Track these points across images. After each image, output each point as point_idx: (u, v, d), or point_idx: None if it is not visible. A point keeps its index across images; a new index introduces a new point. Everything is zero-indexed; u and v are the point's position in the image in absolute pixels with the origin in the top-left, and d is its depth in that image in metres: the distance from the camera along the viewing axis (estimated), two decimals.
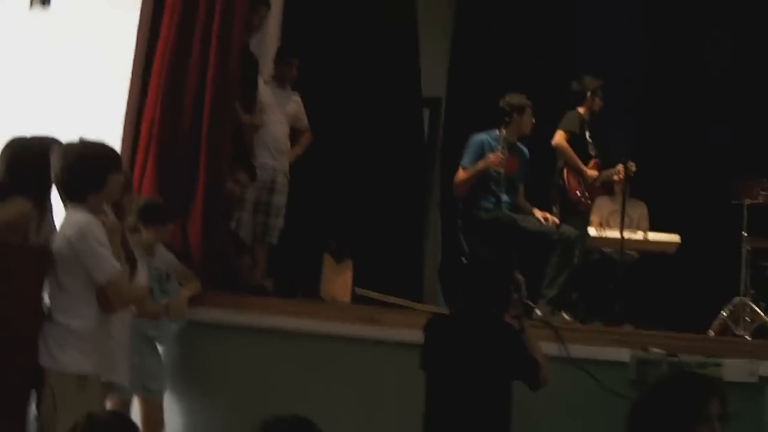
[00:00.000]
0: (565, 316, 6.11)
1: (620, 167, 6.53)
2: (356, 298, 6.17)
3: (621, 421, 4.87)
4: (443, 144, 8.03)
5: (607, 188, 7.23)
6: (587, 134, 6.66)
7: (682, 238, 6.90)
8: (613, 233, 6.82)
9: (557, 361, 5.07)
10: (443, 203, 7.81)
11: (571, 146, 6.49)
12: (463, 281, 5.00)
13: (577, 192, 6.47)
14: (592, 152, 6.65)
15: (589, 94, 6.65)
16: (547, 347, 5.05)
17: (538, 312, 6.03)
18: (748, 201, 6.60)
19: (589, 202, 6.65)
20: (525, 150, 6.48)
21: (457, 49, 8.15)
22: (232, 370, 5.34)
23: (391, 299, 6.18)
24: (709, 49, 7.99)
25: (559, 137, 6.46)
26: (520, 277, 4.92)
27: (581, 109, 6.63)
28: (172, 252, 5.17)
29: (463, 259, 6.26)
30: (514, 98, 6.35)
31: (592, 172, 6.54)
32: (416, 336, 4.49)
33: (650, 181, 7.15)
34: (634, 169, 6.54)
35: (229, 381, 5.34)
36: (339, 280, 6.15)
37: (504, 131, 6.28)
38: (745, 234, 6.57)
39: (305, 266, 6.44)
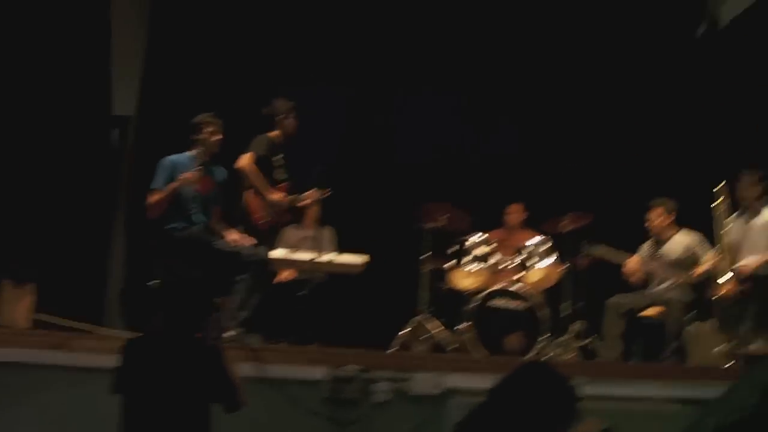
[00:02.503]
0: (258, 338, 6.09)
1: (311, 193, 6.66)
2: (38, 324, 5.78)
3: None
4: (134, 164, 7.75)
5: (295, 213, 7.38)
6: (278, 158, 6.66)
7: (372, 260, 7.12)
8: (301, 256, 6.95)
9: (253, 381, 5.09)
10: (129, 224, 7.55)
11: (260, 169, 6.49)
12: (160, 303, 4.85)
13: (259, 215, 6.48)
14: (282, 176, 6.66)
15: (281, 117, 6.66)
16: (243, 368, 5.05)
17: (232, 333, 5.98)
18: (431, 224, 7.03)
19: (268, 225, 6.66)
20: (221, 171, 6.41)
21: (151, 68, 7.93)
22: None
23: (72, 324, 5.88)
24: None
25: (243, 160, 6.41)
26: (221, 299, 4.86)
27: (273, 133, 6.63)
28: None
29: (154, 281, 6.08)
30: (198, 116, 6.28)
31: (276, 196, 6.54)
32: (104, 360, 4.31)
33: (340, 204, 7.38)
34: (325, 194, 6.71)
35: None
36: (19, 306, 5.72)
37: (196, 151, 6.22)
38: (425, 255, 6.98)
39: None
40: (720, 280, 6.37)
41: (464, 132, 8.83)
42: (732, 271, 6.37)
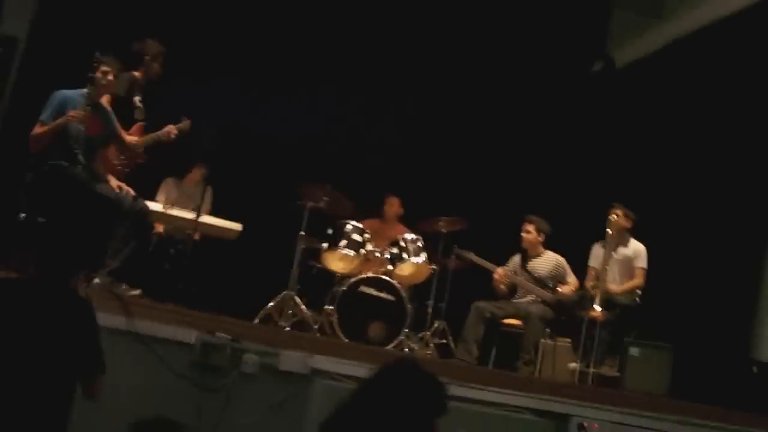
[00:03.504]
0: (133, 291, 5.97)
1: (171, 128, 6.39)
2: None
3: (183, 399, 4.98)
4: (14, 89, 7.37)
5: (178, 167, 7.28)
6: (137, 99, 6.37)
7: (246, 230, 7.08)
8: (178, 212, 6.89)
9: (121, 333, 4.98)
10: (2, 152, 7.19)
11: (116, 110, 6.21)
12: (34, 243, 4.61)
13: (115, 160, 6.30)
14: (139, 117, 6.40)
15: (147, 58, 6.38)
16: (112, 319, 4.93)
17: (98, 281, 5.82)
18: (310, 204, 7.04)
19: (126, 169, 6.47)
20: (112, 114, 6.20)
21: None
22: None
23: None
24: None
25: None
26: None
27: (137, 73, 6.35)
28: None
29: (23, 215, 5.84)
30: (96, 55, 5.96)
31: (132, 138, 6.31)
32: None
33: (226, 170, 7.29)
34: (188, 126, 6.49)
35: None
36: None
37: (88, 89, 5.99)
38: (302, 233, 6.99)
39: None
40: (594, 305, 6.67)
41: (351, 119, 8.87)
42: (596, 295, 6.71)
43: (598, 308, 6.56)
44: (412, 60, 8.70)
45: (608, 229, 6.96)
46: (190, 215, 6.76)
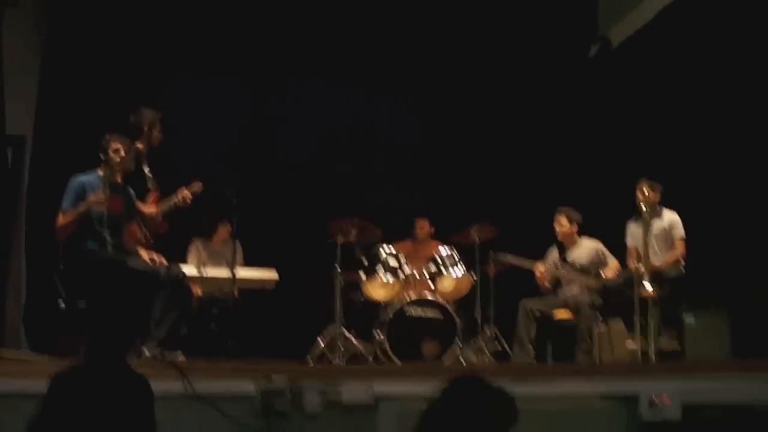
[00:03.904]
0: (180, 356, 5.98)
1: (185, 192, 6.40)
2: None
3: None
4: (29, 185, 7.49)
5: (204, 228, 7.34)
6: (146, 169, 6.50)
7: (280, 273, 7.11)
8: (213, 273, 6.92)
9: (181, 398, 4.99)
10: (29, 245, 7.29)
11: (128, 184, 6.26)
12: (84, 330, 4.61)
13: (138, 233, 6.34)
14: (152, 187, 6.49)
15: (146, 127, 6.46)
16: (169, 386, 4.93)
17: (147, 353, 5.84)
18: (341, 239, 7.05)
19: (151, 241, 6.51)
20: (130, 189, 6.28)
21: (45, 86, 7.68)
22: None
23: None
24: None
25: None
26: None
27: (139, 144, 6.41)
28: None
29: (63, 304, 5.88)
30: (105, 135, 6.08)
31: (150, 209, 6.39)
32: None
33: (251, 219, 7.33)
34: (199, 188, 6.46)
35: None
36: None
37: (102, 171, 6.06)
38: (338, 269, 7.00)
39: None
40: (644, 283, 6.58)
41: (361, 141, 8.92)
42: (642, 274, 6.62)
43: (648, 287, 6.48)
44: (418, 74, 8.75)
45: (641, 205, 6.91)
46: (225, 274, 6.80)
